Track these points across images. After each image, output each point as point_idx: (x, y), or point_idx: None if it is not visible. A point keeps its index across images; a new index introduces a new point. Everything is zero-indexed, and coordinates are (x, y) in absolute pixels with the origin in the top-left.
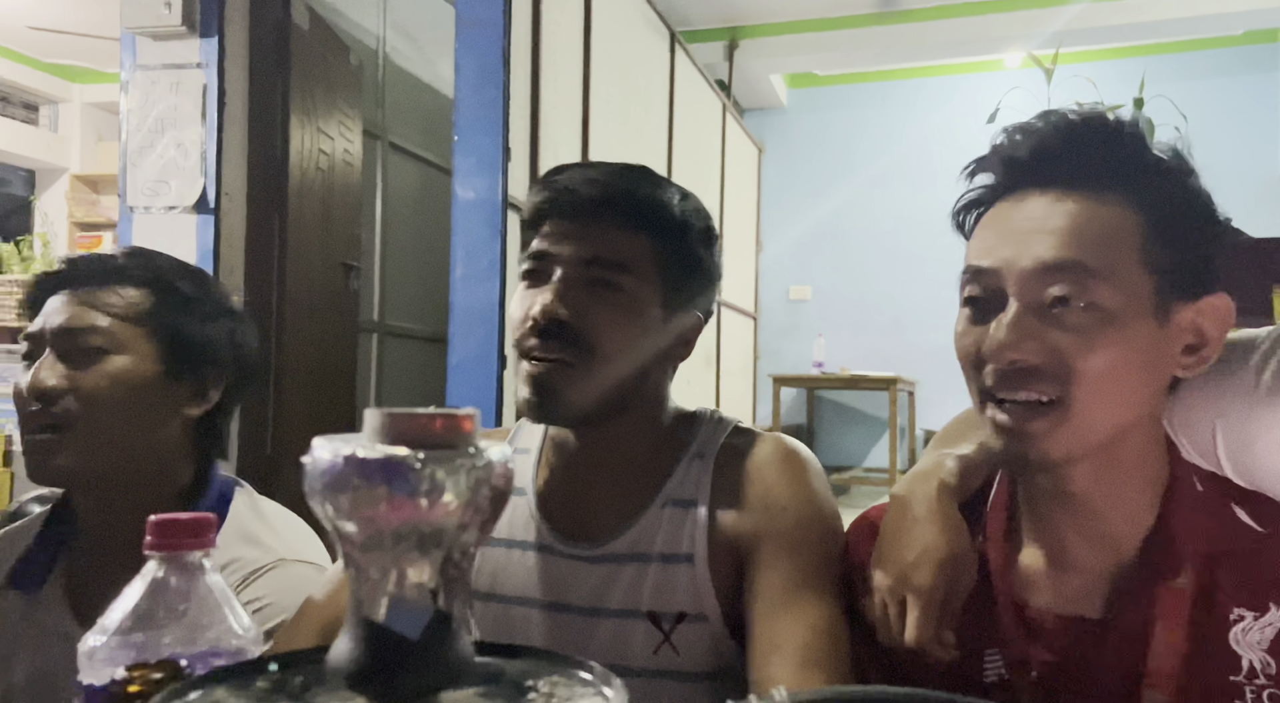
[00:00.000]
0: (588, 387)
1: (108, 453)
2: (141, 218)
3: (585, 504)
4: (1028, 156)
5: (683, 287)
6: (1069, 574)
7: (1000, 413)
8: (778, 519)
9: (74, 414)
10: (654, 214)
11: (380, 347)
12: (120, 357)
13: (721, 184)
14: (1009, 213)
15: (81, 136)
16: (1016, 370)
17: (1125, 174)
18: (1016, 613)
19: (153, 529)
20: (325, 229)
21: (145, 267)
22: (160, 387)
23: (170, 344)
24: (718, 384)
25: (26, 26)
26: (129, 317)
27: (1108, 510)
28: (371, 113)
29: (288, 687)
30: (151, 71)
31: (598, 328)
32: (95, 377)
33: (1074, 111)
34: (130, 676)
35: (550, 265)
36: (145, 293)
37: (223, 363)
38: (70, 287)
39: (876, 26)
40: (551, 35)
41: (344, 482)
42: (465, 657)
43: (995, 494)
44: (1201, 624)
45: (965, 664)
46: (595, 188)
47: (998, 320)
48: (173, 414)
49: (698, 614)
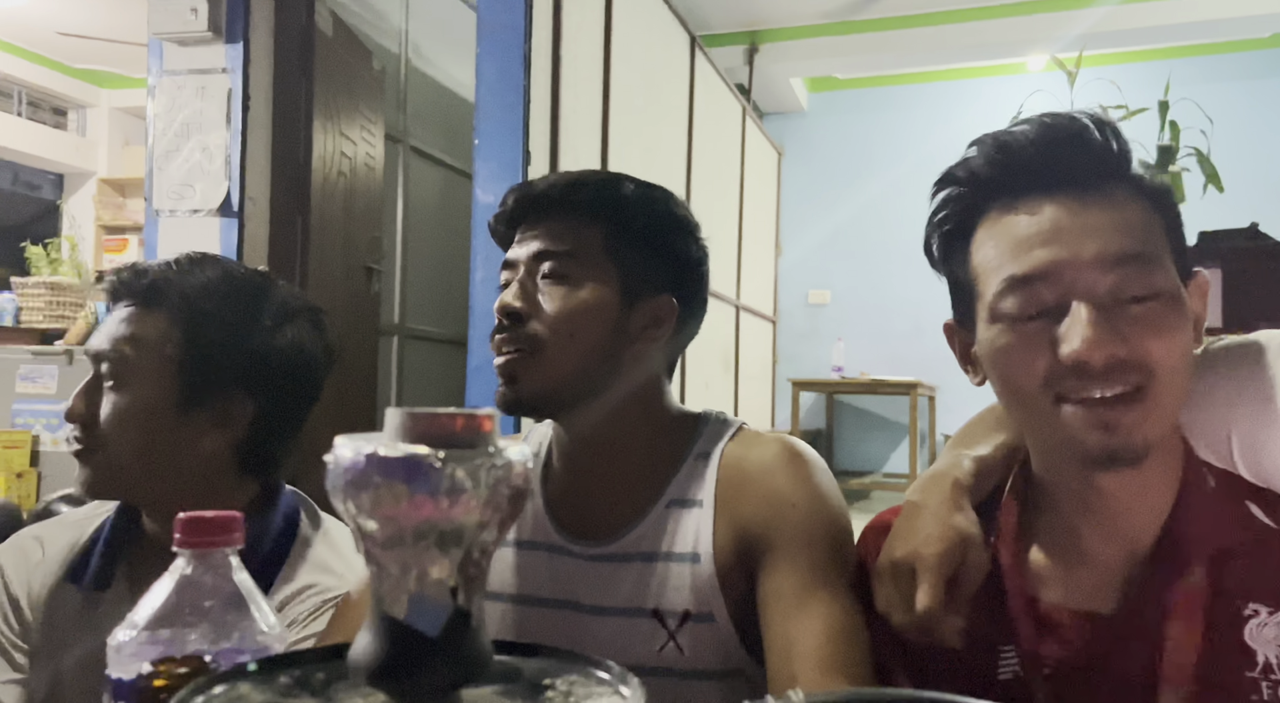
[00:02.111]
0: (545, 373)
1: (124, 477)
2: (167, 221)
3: (590, 503)
4: (1028, 158)
5: (643, 270)
6: (1083, 571)
7: (1086, 410)
8: (786, 518)
9: (97, 440)
10: (602, 201)
11: (401, 349)
12: (135, 385)
13: (741, 188)
14: (1028, 219)
15: (109, 141)
16: (1106, 368)
17: (1124, 169)
18: (1029, 609)
19: (180, 526)
20: (347, 232)
21: (174, 286)
22: (171, 417)
23: (180, 376)
24: (736, 388)
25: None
26: (147, 344)
27: (1127, 507)
28: (393, 117)
29: (310, 683)
30: (178, 76)
31: (548, 316)
32: (112, 407)
33: (1047, 114)
34: (157, 670)
35: (515, 268)
36: (165, 320)
37: (250, 388)
38: (121, 302)
39: (898, 30)
40: (572, 39)
41: (365, 480)
42: (484, 654)
43: (1007, 492)
44: (1216, 620)
45: (980, 662)
46: (543, 185)
47: (1071, 323)
48: (193, 442)
49: (704, 614)
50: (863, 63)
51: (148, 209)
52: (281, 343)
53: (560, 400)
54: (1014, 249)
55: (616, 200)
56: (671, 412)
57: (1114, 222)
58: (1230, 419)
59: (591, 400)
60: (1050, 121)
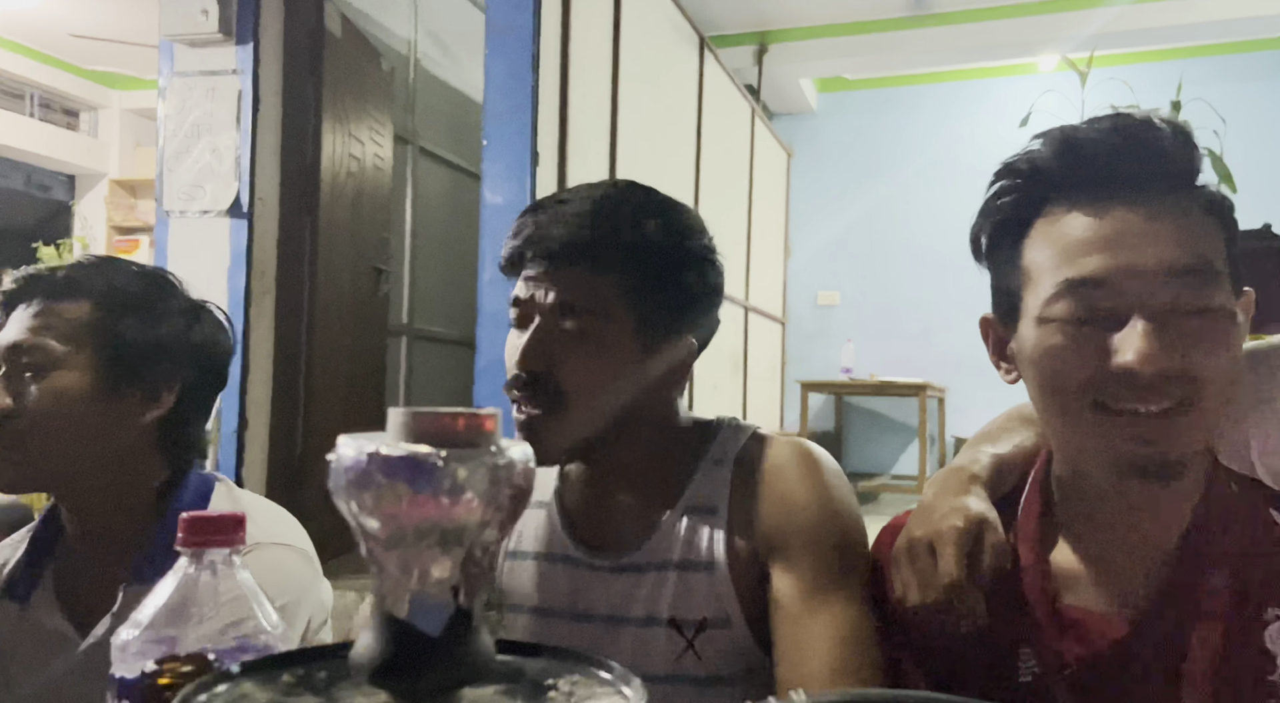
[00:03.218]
0: (567, 432)
1: (58, 465)
2: (177, 222)
3: (606, 515)
4: (1096, 156)
5: (663, 316)
6: (1105, 573)
7: (1127, 421)
8: (797, 520)
9: (22, 432)
10: (620, 254)
11: (409, 350)
12: (60, 374)
13: (750, 189)
14: (1089, 221)
15: (120, 142)
16: (1155, 381)
17: (1192, 177)
18: (1051, 610)
19: (183, 527)
20: (356, 233)
21: (92, 278)
22: (103, 398)
23: (112, 356)
24: (745, 389)
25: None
26: (69, 333)
27: (1152, 512)
28: (402, 118)
29: (312, 682)
30: (188, 78)
31: (571, 378)
32: (38, 395)
33: (1121, 115)
34: (161, 668)
35: (530, 311)
36: (88, 306)
37: (176, 366)
38: (25, 302)
39: (908, 29)
40: (580, 40)
41: (367, 479)
42: (486, 654)
43: (1028, 493)
44: (1237, 625)
45: (999, 663)
46: (563, 230)
47: (1126, 333)
48: (123, 423)
49: (720, 620)
50: (872, 63)
51: (158, 210)
52: (198, 327)
53: (581, 450)
54: (1073, 251)
55: (640, 249)
56: (685, 422)
57: (1179, 231)
58: (1250, 424)
59: (620, 443)
60: (1125, 122)
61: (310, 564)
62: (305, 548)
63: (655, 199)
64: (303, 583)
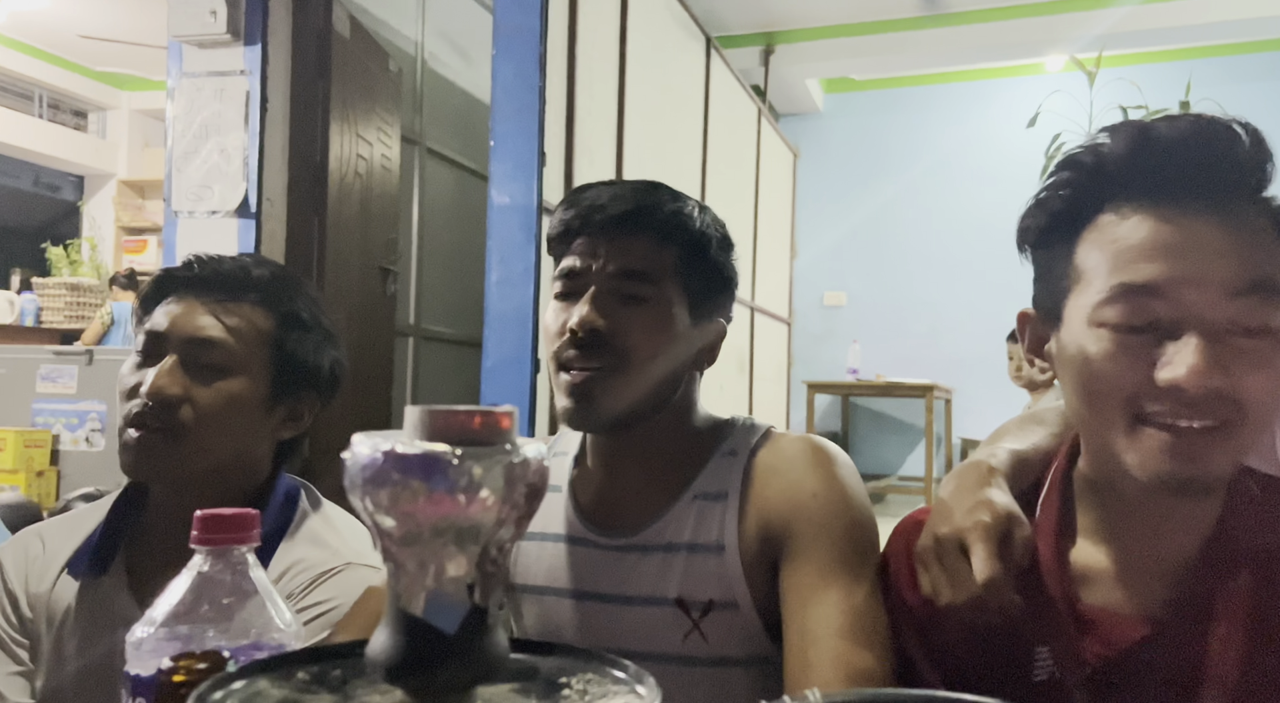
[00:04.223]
0: (624, 393)
1: (206, 461)
2: (185, 222)
3: (617, 498)
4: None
5: (706, 295)
6: (1127, 574)
7: (1166, 436)
8: (808, 507)
9: (187, 424)
10: (678, 227)
11: (416, 350)
12: (238, 378)
13: (756, 189)
14: (1154, 226)
15: (129, 143)
16: (1202, 399)
17: (1263, 186)
18: (1071, 609)
19: (199, 524)
20: (363, 234)
21: (271, 284)
22: (264, 411)
23: (282, 372)
24: (751, 390)
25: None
26: (252, 338)
27: (1177, 515)
28: (409, 119)
29: (327, 679)
30: (197, 79)
31: (632, 337)
32: (213, 393)
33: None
34: (176, 665)
35: (583, 280)
36: (269, 315)
37: (320, 390)
38: (197, 291)
39: (915, 30)
40: (587, 41)
41: (383, 477)
42: (501, 652)
43: (1047, 490)
44: (1261, 625)
45: (1014, 663)
46: (622, 203)
47: (1179, 346)
48: (268, 435)
49: (728, 602)
50: (879, 63)
51: (166, 210)
52: (337, 354)
53: (629, 418)
54: (1132, 255)
55: (688, 226)
56: (702, 416)
57: (1246, 246)
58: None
59: (651, 419)
60: (1206, 124)
61: None
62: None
63: (682, 192)
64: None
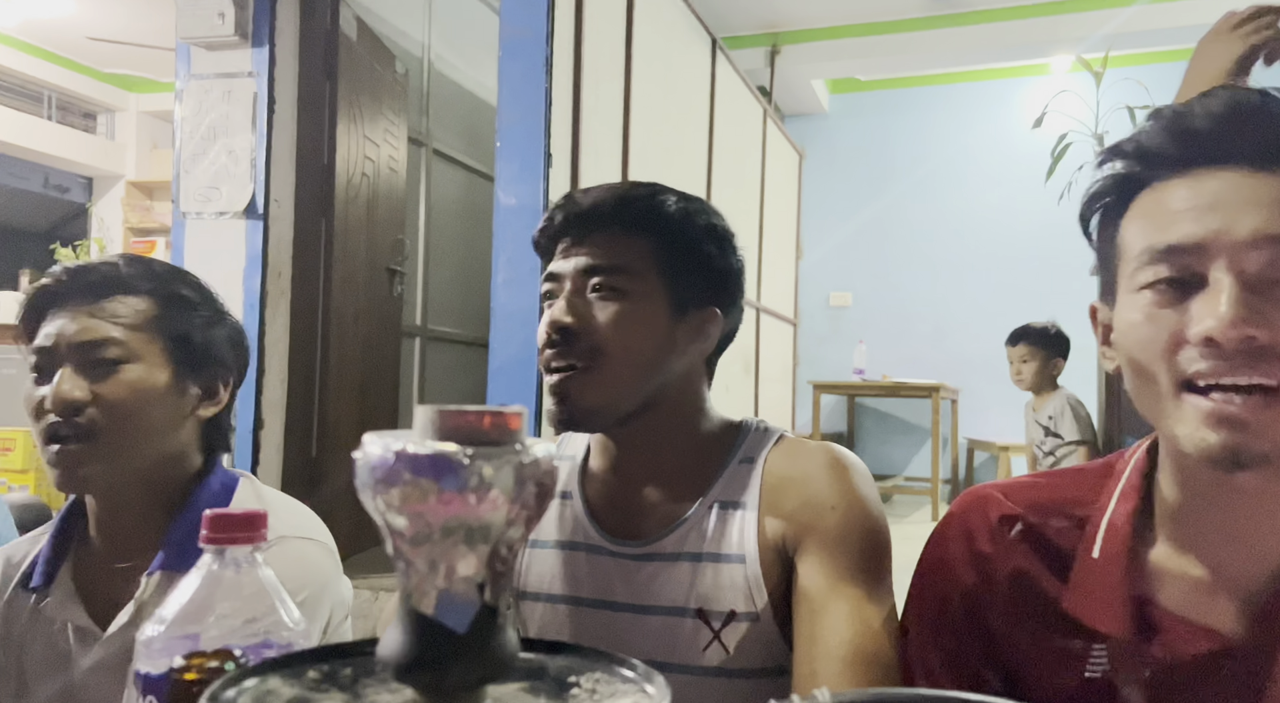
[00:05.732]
0: (601, 390)
1: (131, 458)
2: (193, 223)
3: (633, 505)
4: (1208, 132)
5: (689, 283)
6: (1203, 581)
7: (1211, 401)
8: (823, 518)
9: (98, 425)
10: (648, 216)
11: (423, 351)
12: (135, 366)
13: (762, 190)
14: (1187, 190)
15: (137, 144)
16: (1240, 352)
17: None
18: (1137, 610)
19: (208, 524)
20: (370, 234)
21: (145, 275)
22: (174, 392)
23: (179, 350)
24: (756, 391)
25: (86, 37)
26: (139, 326)
27: (1261, 517)
28: (416, 120)
29: (338, 678)
30: (204, 80)
31: (603, 332)
32: (114, 387)
33: (1239, 90)
34: (188, 664)
35: (560, 283)
36: (149, 301)
37: (228, 364)
38: (72, 300)
39: (920, 30)
40: (593, 42)
41: (394, 476)
42: (510, 651)
43: (1128, 477)
44: None
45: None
46: (590, 199)
47: (1209, 298)
48: (187, 416)
49: (749, 614)
50: (884, 64)
51: (175, 211)
52: (235, 324)
53: (612, 415)
54: (1166, 219)
55: (662, 215)
56: (713, 418)
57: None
58: None
59: (641, 413)
60: (1241, 97)
61: (331, 558)
62: (327, 542)
63: (672, 188)
64: (325, 576)
